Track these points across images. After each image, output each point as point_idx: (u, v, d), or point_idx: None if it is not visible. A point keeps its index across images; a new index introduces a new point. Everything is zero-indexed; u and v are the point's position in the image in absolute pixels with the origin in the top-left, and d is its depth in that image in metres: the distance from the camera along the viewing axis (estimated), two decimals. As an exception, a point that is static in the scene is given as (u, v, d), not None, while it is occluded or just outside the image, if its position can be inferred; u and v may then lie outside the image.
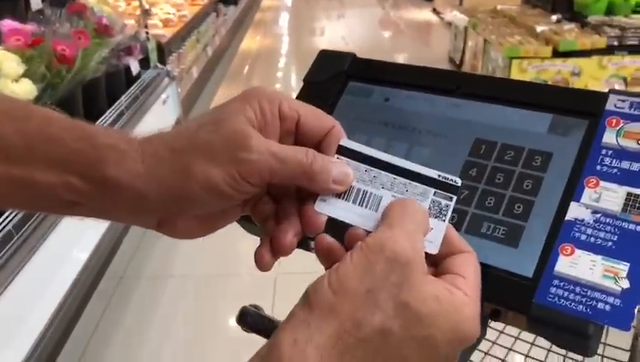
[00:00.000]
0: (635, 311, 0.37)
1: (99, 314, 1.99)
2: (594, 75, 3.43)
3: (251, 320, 0.65)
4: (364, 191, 0.40)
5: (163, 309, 2.08)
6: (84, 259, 1.78)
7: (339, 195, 0.40)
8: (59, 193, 0.38)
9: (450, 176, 0.40)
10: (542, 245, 0.42)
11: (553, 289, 0.39)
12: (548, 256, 0.41)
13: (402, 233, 0.35)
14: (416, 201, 0.39)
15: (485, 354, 0.95)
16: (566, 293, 0.39)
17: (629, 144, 0.43)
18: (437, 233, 0.38)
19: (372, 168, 0.41)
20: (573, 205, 0.42)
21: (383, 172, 0.40)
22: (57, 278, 1.60)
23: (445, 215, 0.39)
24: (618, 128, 0.44)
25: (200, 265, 2.33)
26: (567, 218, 0.42)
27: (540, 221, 0.43)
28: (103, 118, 2.22)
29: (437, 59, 5.12)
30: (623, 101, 0.45)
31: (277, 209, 0.42)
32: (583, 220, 0.41)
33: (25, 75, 1.53)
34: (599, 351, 0.91)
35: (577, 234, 0.41)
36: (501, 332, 0.95)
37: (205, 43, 4.57)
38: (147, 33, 2.93)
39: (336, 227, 0.39)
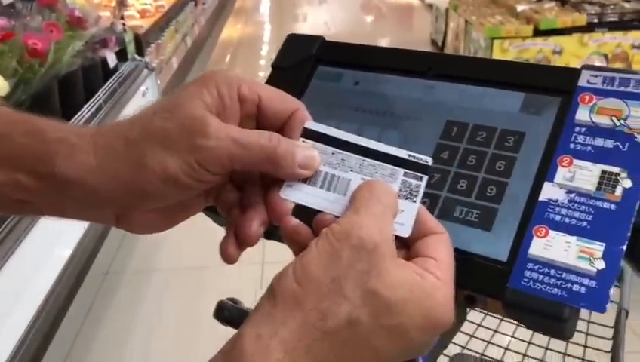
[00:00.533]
0: (611, 291, 0.36)
1: (84, 312, 1.97)
2: (575, 53, 3.43)
3: (228, 314, 0.64)
4: (331, 175, 0.39)
5: (149, 304, 2.06)
6: (67, 256, 1.76)
7: (305, 180, 0.39)
8: (7, 192, 0.36)
9: (420, 156, 0.39)
10: (516, 228, 0.40)
11: (528, 273, 0.38)
12: (522, 239, 0.40)
13: (369, 217, 0.34)
14: (385, 183, 0.37)
15: (470, 336, 0.95)
16: (541, 276, 0.38)
17: (603, 121, 0.42)
18: (408, 215, 0.37)
19: (339, 151, 0.39)
20: (546, 185, 0.41)
21: (350, 154, 0.39)
22: (40, 277, 1.57)
23: (416, 196, 0.38)
24: (591, 105, 0.42)
25: (185, 257, 2.31)
26: (540, 198, 0.40)
27: (514, 203, 0.42)
28: (80, 112, 2.18)
29: (419, 41, 5.10)
30: (596, 77, 0.43)
31: (241, 197, 0.41)
32: (557, 200, 0.40)
33: (-4, 71, 1.50)
34: (583, 328, 0.91)
35: (551, 215, 0.40)
36: (486, 314, 0.95)
37: (184, 33, 4.51)
38: (123, 25, 2.87)
39: (306, 214, 0.38)
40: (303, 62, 0.55)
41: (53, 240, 1.69)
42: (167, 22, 3.96)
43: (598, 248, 0.37)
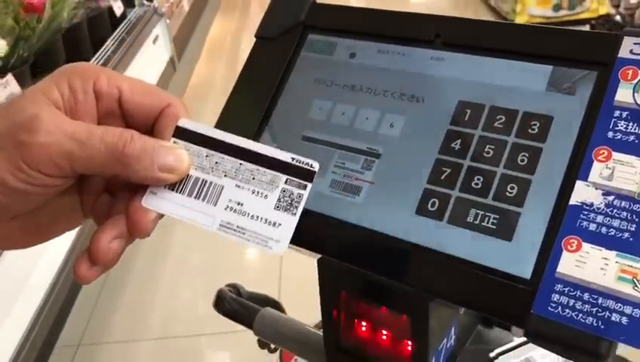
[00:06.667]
0: (659, 323, 0.30)
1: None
2: None
3: (228, 306, 0.59)
4: (202, 180, 0.35)
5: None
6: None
7: (173, 187, 0.35)
8: None
9: (305, 160, 0.35)
10: (542, 238, 0.34)
11: (556, 296, 0.32)
12: (549, 253, 0.33)
13: None
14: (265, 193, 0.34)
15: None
16: (572, 301, 0.31)
17: (650, 101, 0.34)
18: (285, 230, 0.33)
19: (214, 152, 0.35)
20: (579, 185, 0.34)
21: (227, 157, 0.35)
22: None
23: (297, 207, 0.34)
24: (635, 82, 0.34)
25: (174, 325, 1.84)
26: (571, 202, 0.33)
27: (539, 206, 0.35)
28: (89, 65, 2.11)
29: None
30: (642, 45, 0.35)
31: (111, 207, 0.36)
32: (591, 205, 0.33)
33: (-8, 30, 1.43)
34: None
35: (585, 224, 0.33)
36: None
37: (195, -28, 4.33)
38: (128, -32, 2.74)
39: None
40: (290, 30, 0.47)
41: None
42: (175, -39, 3.79)
43: (642, 266, 0.31)
